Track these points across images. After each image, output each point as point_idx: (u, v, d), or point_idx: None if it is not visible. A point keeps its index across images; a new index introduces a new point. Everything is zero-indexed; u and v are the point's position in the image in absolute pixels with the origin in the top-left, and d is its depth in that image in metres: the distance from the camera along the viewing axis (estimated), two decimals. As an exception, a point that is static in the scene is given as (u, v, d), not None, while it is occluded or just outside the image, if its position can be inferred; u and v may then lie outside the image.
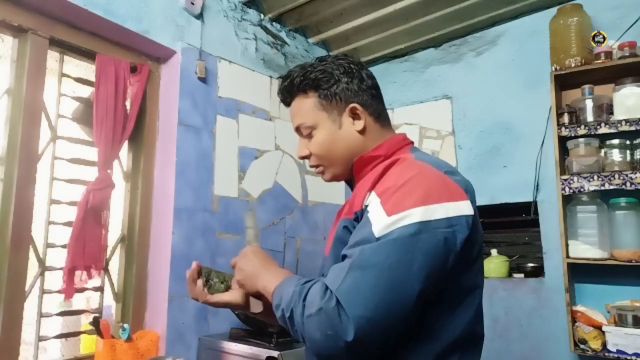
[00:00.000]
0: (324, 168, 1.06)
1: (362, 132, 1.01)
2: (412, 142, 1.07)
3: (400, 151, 1.01)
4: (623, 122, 1.91)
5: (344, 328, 0.74)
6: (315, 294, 0.80)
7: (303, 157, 1.08)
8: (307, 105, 1.04)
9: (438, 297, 0.82)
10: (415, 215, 0.79)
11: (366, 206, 0.88)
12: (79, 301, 2.15)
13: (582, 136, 2.02)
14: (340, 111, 1.02)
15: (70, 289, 1.60)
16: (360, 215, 0.91)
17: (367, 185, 0.92)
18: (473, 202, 0.90)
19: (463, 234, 0.83)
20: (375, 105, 1.04)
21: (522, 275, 2.32)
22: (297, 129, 1.07)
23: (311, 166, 1.09)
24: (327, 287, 0.80)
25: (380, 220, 0.80)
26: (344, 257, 0.84)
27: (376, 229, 0.79)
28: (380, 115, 1.05)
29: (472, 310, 0.89)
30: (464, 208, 0.85)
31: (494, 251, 2.44)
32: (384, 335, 0.76)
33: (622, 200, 1.94)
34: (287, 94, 1.08)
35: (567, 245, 2.01)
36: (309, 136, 1.05)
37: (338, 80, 1.02)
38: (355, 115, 1.01)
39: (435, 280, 0.80)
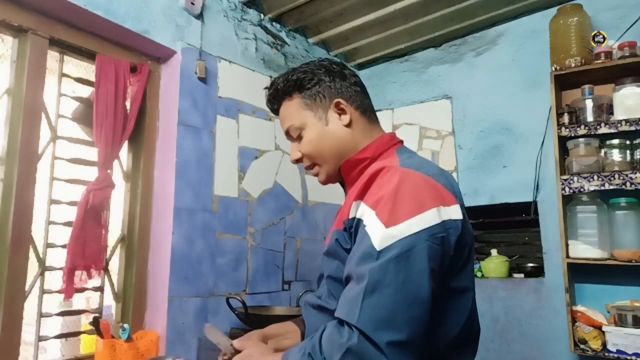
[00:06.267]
0: (318, 168, 1.07)
1: (348, 125, 1.03)
2: (400, 142, 1.06)
3: (388, 152, 1.01)
4: (623, 122, 1.91)
5: (377, 359, 0.72)
6: (331, 338, 0.78)
7: (296, 161, 1.09)
8: (293, 106, 1.05)
9: (433, 299, 0.82)
10: (414, 225, 0.79)
11: (355, 218, 0.88)
12: (79, 301, 2.15)
13: (582, 136, 2.02)
14: (325, 108, 1.03)
15: (70, 289, 1.60)
16: (349, 226, 0.90)
17: (353, 194, 0.92)
18: (462, 204, 0.91)
19: (456, 237, 0.84)
20: (360, 100, 1.06)
21: (522, 275, 2.32)
22: (287, 133, 1.08)
23: (306, 168, 1.09)
24: (341, 324, 0.78)
25: (379, 232, 0.80)
26: (349, 278, 0.83)
27: (376, 242, 0.79)
28: (366, 110, 1.06)
29: (466, 311, 0.90)
30: (455, 212, 0.86)
31: (494, 251, 2.44)
32: (417, 349, 0.75)
33: (622, 200, 1.94)
34: (274, 101, 1.09)
35: (567, 245, 2.01)
36: (299, 138, 1.06)
37: (320, 79, 1.04)
38: (340, 110, 1.03)
39: (437, 279, 0.80)
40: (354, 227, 0.88)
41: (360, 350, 0.73)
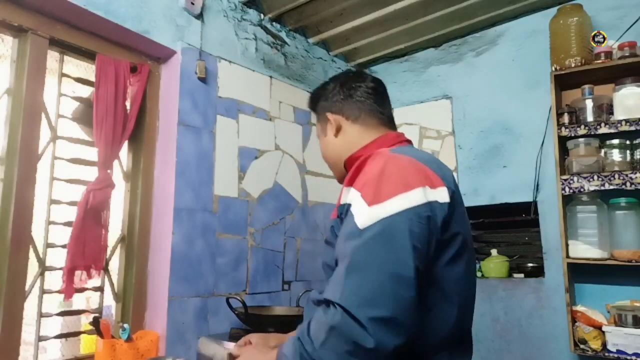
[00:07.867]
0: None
1: (337, 135, 1.12)
2: (404, 141, 1.07)
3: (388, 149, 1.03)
4: (623, 122, 1.92)
5: (361, 336, 0.71)
6: (317, 319, 0.78)
7: None
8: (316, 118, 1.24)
9: (424, 295, 0.80)
10: (397, 204, 0.79)
11: (346, 203, 0.90)
12: (79, 301, 2.15)
13: (582, 136, 2.02)
14: (324, 122, 1.17)
15: (70, 289, 1.59)
16: (340, 212, 0.94)
17: (345, 183, 0.97)
18: (452, 190, 0.90)
19: (441, 218, 0.84)
20: (349, 109, 1.12)
21: (522, 275, 2.33)
22: None
23: None
24: (327, 305, 0.77)
25: (362, 211, 0.81)
26: (336, 259, 0.84)
27: (359, 221, 0.80)
28: (359, 116, 1.10)
29: (456, 308, 0.88)
30: (442, 195, 0.86)
31: (494, 251, 2.44)
32: (403, 327, 0.73)
33: (622, 200, 1.94)
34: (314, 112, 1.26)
35: (567, 245, 2.01)
36: None
37: (322, 95, 1.18)
38: (329, 122, 1.14)
39: (423, 259, 0.79)
40: (344, 213, 0.90)
41: (344, 326, 0.72)
